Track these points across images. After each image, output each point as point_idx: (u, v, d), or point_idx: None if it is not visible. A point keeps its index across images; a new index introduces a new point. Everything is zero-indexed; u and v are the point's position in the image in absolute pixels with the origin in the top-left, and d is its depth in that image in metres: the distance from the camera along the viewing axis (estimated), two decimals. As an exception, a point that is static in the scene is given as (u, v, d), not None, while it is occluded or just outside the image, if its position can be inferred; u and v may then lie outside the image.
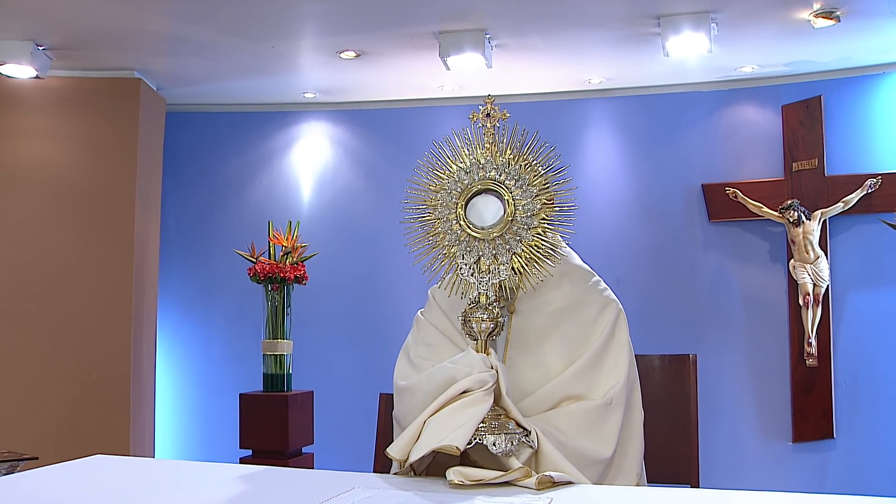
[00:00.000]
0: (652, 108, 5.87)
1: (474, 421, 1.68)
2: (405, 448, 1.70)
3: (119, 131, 5.48)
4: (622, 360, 1.97)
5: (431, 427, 1.70)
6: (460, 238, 1.82)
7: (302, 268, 5.21)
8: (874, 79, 5.40)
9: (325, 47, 5.11)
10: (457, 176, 1.85)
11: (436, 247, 1.86)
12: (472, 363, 1.77)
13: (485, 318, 1.80)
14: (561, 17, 4.63)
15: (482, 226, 1.81)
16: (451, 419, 1.70)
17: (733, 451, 5.53)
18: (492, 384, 1.74)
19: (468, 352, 1.81)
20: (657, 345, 5.03)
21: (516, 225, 1.79)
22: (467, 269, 1.82)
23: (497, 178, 1.82)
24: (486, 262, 1.80)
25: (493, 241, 1.80)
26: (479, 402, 1.72)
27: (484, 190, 1.83)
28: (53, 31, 4.80)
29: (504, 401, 1.76)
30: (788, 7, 4.43)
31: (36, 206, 5.39)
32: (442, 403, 1.73)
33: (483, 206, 1.82)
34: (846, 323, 5.39)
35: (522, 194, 1.80)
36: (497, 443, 1.68)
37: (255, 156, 6.35)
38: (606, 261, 5.64)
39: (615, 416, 1.90)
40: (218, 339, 6.24)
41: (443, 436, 1.65)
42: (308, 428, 5.25)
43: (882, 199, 5.23)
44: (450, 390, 1.74)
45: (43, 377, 5.25)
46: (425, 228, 1.87)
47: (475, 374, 1.74)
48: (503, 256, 1.80)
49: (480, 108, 1.88)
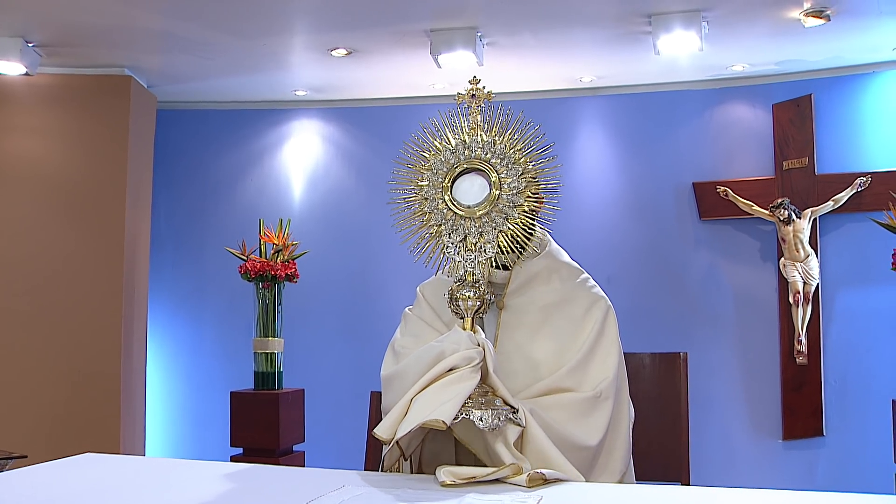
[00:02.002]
0: (643, 107, 5.88)
1: (461, 396, 1.68)
2: (391, 427, 1.69)
3: (109, 128, 5.46)
4: (611, 356, 1.98)
5: (418, 404, 1.70)
6: (446, 217, 1.83)
7: (293, 266, 5.20)
8: (864, 78, 5.42)
9: (317, 45, 5.10)
10: (443, 156, 1.86)
11: (422, 226, 1.87)
12: (459, 340, 1.76)
13: (471, 296, 1.80)
14: (552, 16, 4.64)
15: (468, 204, 1.82)
16: (438, 395, 1.69)
17: (723, 449, 5.55)
18: (478, 361, 1.74)
19: (455, 329, 1.81)
20: (648, 342, 5.03)
21: (502, 203, 1.80)
22: (454, 247, 1.82)
23: (483, 156, 1.83)
24: (472, 241, 1.81)
25: (479, 220, 1.81)
26: (466, 378, 1.71)
27: (470, 169, 1.84)
28: (43, 28, 4.78)
29: (491, 378, 1.76)
30: (779, 6, 4.44)
31: (26, 203, 5.37)
32: (429, 381, 1.73)
33: (469, 184, 1.83)
34: (836, 321, 5.41)
35: (508, 173, 1.81)
36: (484, 418, 1.67)
37: (246, 153, 6.34)
38: (598, 258, 5.65)
39: (604, 407, 1.91)
40: (209, 337, 6.23)
41: (429, 411, 1.65)
42: (299, 426, 5.25)
43: (872, 197, 5.25)
44: (436, 367, 1.74)
45: (32, 375, 5.23)
46: (412, 208, 1.88)
47: (462, 351, 1.74)
48: (489, 234, 1.80)
49: (466, 89, 1.89)
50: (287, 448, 5.11)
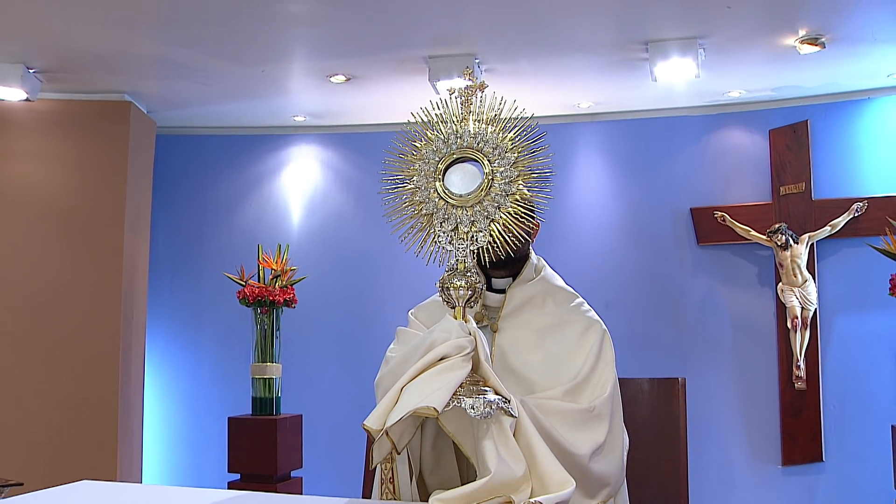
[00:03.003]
0: (641, 133, 5.91)
1: (452, 384, 1.65)
2: (381, 418, 1.65)
3: (109, 154, 5.48)
4: (607, 378, 1.98)
5: (408, 392, 1.67)
6: (438, 206, 1.81)
7: (291, 291, 5.20)
8: (859, 104, 5.45)
9: (315, 71, 5.13)
10: (434, 145, 1.85)
11: (414, 216, 1.84)
12: (450, 329, 1.74)
13: (462, 285, 1.77)
14: (550, 43, 4.67)
15: (460, 193, 1.80)
16: (429, 384, 1.66)
17: (723, 475, 5.53)
18: (470, 350, 1.72)
19: (446, 318, 1.78)
20: (646, 368, 5.03)
21: (494, 192, 1.79)
22: (445, 236, 1.80)
23: (475, 146, 1.82)
24: (463, 229, 1.79)
25: (471, 209, 1.79)
26: (457, 367, 1.68)
27: (462, 158, 1.83)
28: (44, 54, 4.81)
29: (483, 368, 1.73)
30: (774, 33, 4.48)
31: (26, 227, 5.38)
32: (419, 370, 1.70)
33: (461, 174, 1.81)
34: (834, 346, 5.41)
35: (500, 162, 1.80)
36: (475, 406, 1.64)
37: (244, 179, 6.35)
38: (596, 284, 5.66)
39: (597, 423, 1.90)
40: (207, 362, 6.22)
41: (420, 399, 1.62)
42: (297, 452, 5.22)
43: (868, 222, 5.26)
44: (427, 356, 1.70)
45: (30, 400, 5.21)
46: (403, 198, 1.86)
47: (453, 340, 1.71)
48: (481, 223, 1.78)
49: (457, 79, 1.89)
50: (285, 474, 5.09)
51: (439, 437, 1.85)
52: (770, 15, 4.28)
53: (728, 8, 4.17)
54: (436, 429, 1.84)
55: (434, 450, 1.87)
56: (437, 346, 1.71)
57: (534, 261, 2.16)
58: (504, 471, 1.65)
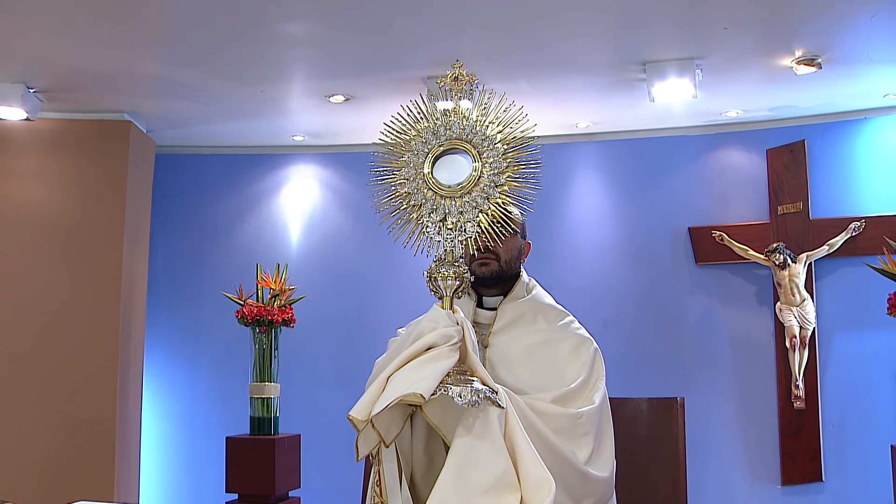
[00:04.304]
0: (638, 152, 5.93)
1: (439, 373, 1.64)
2: (366, 408, 1.64)
3: (108, 173, 5.49)
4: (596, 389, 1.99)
5: (395, 381, 1.65)
6: (427, 197, 1.81)
7: (290, 310, 5.20)
8: (856, 124, 5.47)
9: (315, 91, 5.15)
10: (424, 136, 1.85)
11: (401, 207, 1.84)
12: (437, 319, 1.73)
13: (450, 275, 1.77)
14: (548, 63, 4.69)
15: (449, 184, 1.80)
16: (415, 372, 1.65)
17: (722, 494, 5.51)
18: (457, 340, 1.71)
19: (433, 308, 1.77)
20: (644, 387, 5.03)
21: (483, 182, 1.79)
22: (433, 227, 1.80)
23: (464, 137, 1.82)
24: (451, 220, 1.79)
25: (459, 199, 1.79)
26: (445, 356, 1.67)
27: (451, 150, 1.83)
28: (44, 74, 4.83)
29: (471, 358, 1.73)
30: (771, 54, 4.51)
31: (25, 247, 5.38)
32: (406, 359, 1.68)
33: (450, 165, 1.82)
34: (833, 365, 5.40)
35: (489, 153, 1.81)
36: (462, 394, 1.63)
37: (243, 198, 6.36)
38: (594, 303, 5.66)
39: (583, 430, 1.89)
40: (205, 382, 6.20)
41: (406, 387, 1.61)
42: (295, 471, 5.20)
43: (866, 241, 5.27)
44: (414, 346, 1.69)
45: (27, 418, 5.19)
46: (393, 189, 1.85)
47: (440, 329, 1.71)
48: (469, 213, 1.79)
49: (448, 72, 1.90)
50: (283, 494, 5.06)
51: (431, 438, 1.83)
52: (767, 36, 4.31)
53: (725, 29, 4.20)
54: (427, 430, 1.82)
55: (426, 452, 1.85)
56: (424, 336, 1.70)
57: (525, 279, 2.17)
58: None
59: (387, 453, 1.76)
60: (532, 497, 1.62)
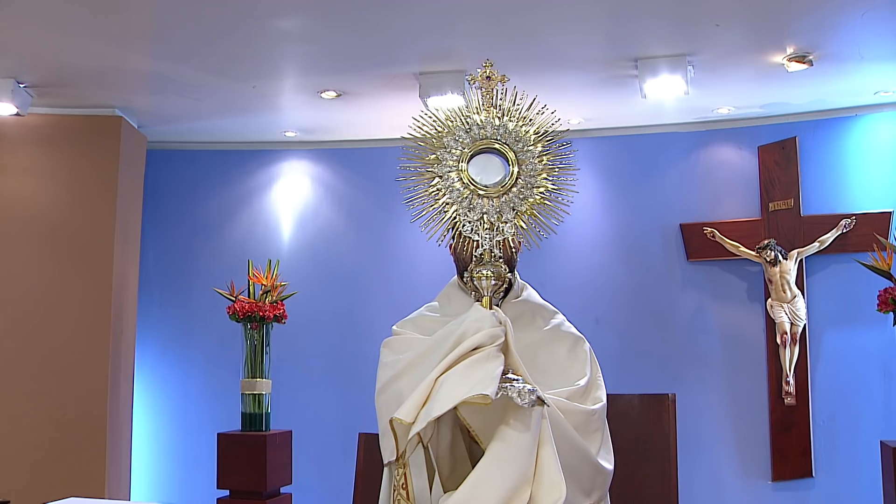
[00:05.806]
0: (630, 149, 5.93)
1: (496, 374, 1.62)
2: (413, 410, 1.62)
3: (99, 169, 5.47)
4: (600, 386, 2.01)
5: (448, 383, 1.63)
6: (462, 195, 1.79)
7: (281, 307, 5.19)
8: (847, 121, 5.49)
9: (307, 87, 5.15)
10: (457, 134, 1.82)
11: (434, 204, 1.81)
12: (482, 318, 1.71)
13: (490, 274, 1.76)
14: (540, 60, 4.69)
15: (486, 184, 1.79)
16: (468, 374, 1.63)
17: (713, 491, 5.53)
18: (503, 339, 1.70)
19: (475, 307, 1.75)
20: (636, 384, 5.04)
21: (520, 184, 1.79)
22: (470, 225, 1.78)
23: (500, 137, 1.81)
24: (489, 220, 1.78)
25: (497, 199, 1.78)
26: (493, 357, 1.66)
27: (485, 149, 1.82)
28: (35, 69, 4.81)
29: (514, 358, 1.71)
30: (763, 51, 4.52)
31: (15, 243, 5.36)
32: (453, 360, 1.66)
33: (485, 164, 1.80)
34: (823, 362, 5.42)
35: (524, 155, 1.81)
36: (522, 394, 1.62)
37: (235, 194, 6.35)
38: (585, 300, 5.67)
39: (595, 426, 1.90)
40: (196, 378, 6.19)
41: (467, 388, 1.59)
42: (286, 468, 5.20)
43: (857, 238, 5.29)
44: (461, 346, 1.67)
45: (17, 416, 5.18)
46: (424, 185, 1.82)
47: (487, 329, 1.69)
48: (507, 214, 1.78)
49: (479, 71, 1.88)
50: (274, 490, 5.06)
51: (455, 442, 1.81)
52: (758, 33, 4.32)
53: (717, 26, 4.21)
54: (452, 433, 1.80)
55: (451, 454, 1.82)
56: (468, 337, 1.68)
57: (518, 279, 2.17)
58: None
59: (414, 456, 1.74)
60: (543, 496, 1.62)
